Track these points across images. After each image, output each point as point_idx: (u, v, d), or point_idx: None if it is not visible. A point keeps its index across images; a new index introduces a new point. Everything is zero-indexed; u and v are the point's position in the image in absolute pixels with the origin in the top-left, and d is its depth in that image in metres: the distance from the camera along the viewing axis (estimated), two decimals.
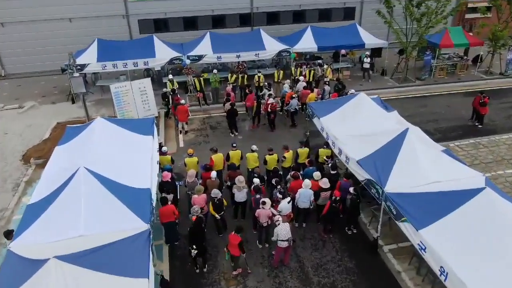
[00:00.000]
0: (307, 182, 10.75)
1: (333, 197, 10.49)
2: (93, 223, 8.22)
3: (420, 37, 20.42)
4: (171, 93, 17.61)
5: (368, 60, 21.62)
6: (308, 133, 15.32)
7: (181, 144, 16.08)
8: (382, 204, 9.80)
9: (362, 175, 10.63)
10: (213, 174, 11.27)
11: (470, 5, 28.77)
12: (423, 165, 10.04)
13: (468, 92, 20.88)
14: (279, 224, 9.38)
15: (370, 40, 21.92)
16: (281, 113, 18.40)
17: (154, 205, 9.54)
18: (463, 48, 23.78)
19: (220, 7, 25.21)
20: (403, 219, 8.91)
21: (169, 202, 10.46)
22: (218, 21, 25.71)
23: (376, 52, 22.48)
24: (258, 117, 17.12)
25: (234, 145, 12.65)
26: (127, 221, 8.50)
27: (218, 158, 12.44)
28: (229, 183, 12.04)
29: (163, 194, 10.86)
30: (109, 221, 8.38)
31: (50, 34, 23.71)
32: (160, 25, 25.29)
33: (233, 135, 16.58)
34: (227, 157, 12.59)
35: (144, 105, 17.43)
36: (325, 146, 12.76)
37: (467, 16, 29.84)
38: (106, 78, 21.92)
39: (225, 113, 16.66)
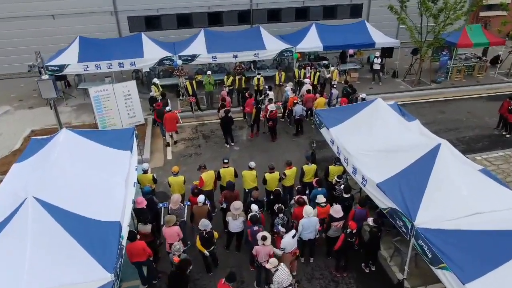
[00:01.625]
0: (308, 209, 8.77)
1: (348, 230, 8.51)
2: (39, 277, 6.26)
3: (436, 35, 18.44)
4: (161, 97, 15.62)
5: (379, 61, 19.64)
6: (314, 145, 13.33)
7: (169, 156, 14.09)
8: (411, 241, 7.81)
9: (383, 202, 8.63)
10: (201, 198, 9.27)
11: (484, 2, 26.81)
12: (461, 191, 8.05)
13: (490, 97, 18.91)
14: (276, 271, 7.36)
15: (380, 39, 19.94)
16: (282, 119, 16.44)
17: (124, 243, 7.59)
18: (481, 48, 21.77)
19: (216, 3, 23.26)
20: (442, 265, 6.92)
21: (149, 229, 8.55)
22: (214, 18, 23.75)
23: (387, 52, 20.49)
24: (257, 124, 15.14)
25: (226, 161, 10.66)
26: (85, 271, 6.52)
27: (208, 176, 10.46)
28: (224, 205, 10.07)
29: (139, 225, 8.90)
30: (61, 272, 6.41)
31: (31, 32, 21.76)
32: (152, 23, 23.34)
33: (228, 146, 14.60)
34: (218, 176, 10.61)
35: (128, 111, 15.46)
36: (336, 163, 10.78)
37: (481, 14, 27.89)
38: (91, 80, 19.98)
39: (219, 120, 14.67)
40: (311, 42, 19.23)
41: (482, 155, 13.89)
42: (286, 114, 16.42)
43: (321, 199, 9.27)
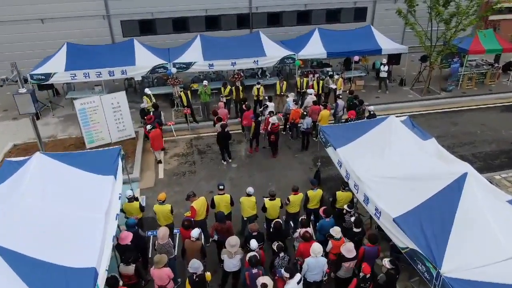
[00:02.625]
0: (316, 248, 7.63)
1: (361, 274, 7.36)
2: None
3: (448, 41, 17.31)
4: (153, 109, 14.49)
5: (386, 68, 18.51)
6: (319, 163, 12.18)
7: (161, 175, 12.94)
8: None
9: (401, 240, 7.50)
10: (194, 233, 8.12)
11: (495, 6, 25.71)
12: (493, 230, 6.96)
13: (504, 107, 17.79)
14: None
15: (387, 45, 18.80)
16: (283, 132, 15.31)
17: None
18: (493, 55, 20.65)
19: (214, 7, 22.14)
20: None
21: (131, 271, 7.40)
22: (212, 22, 22.63)
23: (393, 58, 19.36)
24: (256, 139, 13.99)
25: (221, 187, 9.50)
26: None
27: (200, 204, 9.29)
28: (216, 238, 8.95)
29: (120, 265, 7.76)
30: None
31: (18, 37, 20.62)
32: (146, 27, 22.19)
33: (225, 163, 13.46)
34: (212, 204, 9.46)
35: (117, 124, 14.33)
36: (344, 188, 9.64)
37: (490, 17, 26.76)
38: (80, 89, 18.84)
39: (216, 134, 13.53)
40: (314, 48, 18.10)
41: (501, 174, 12.76)
42: (287, 127, 15.28)
43: (336, 232, 8.14)
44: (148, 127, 13.03)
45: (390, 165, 8.98)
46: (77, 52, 16.64)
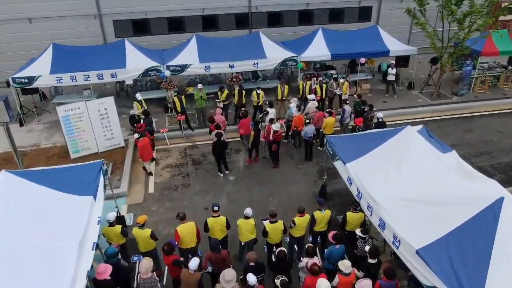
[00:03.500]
0: (324, 285, 6.46)
1: None
2: None
3: (461, 42, 16.20)
4: (144, 116, 13.35)
5: (394, 71, 17.38)
6: (325, 177, 11.04)
7: (151, 189, 11.79)
8: None
9: (426, 277, 6.35)
10: (193, 264, 6.96)
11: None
12: None
13: None
14: None
15: (395, 46, 17.66)
16: (285, 141, 14.17)
17: None
18: (506, 56, 19.54)
19: (211, 6, 21.01)
20: None
21: None
22: (209, 22, 21.48)
23: (402, 60, 18.25)
24: (256, 148, 12.86)
25: (216, 208, 8.34)
26: None
27: (187, 230, 8.09)
28: (210, 269, 7.81)
29: None
30: None
31: (4, 38, 19.47)
32: (140, 27, 21.06)
33: (222, 175, 12.31)
34: (205, 227, 8.31)
35: (105, 132, 13.19)
36: (356, 209, 8.51)
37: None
38: (69, 93, 17.72)
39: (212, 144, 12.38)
40: (318, 50, 16.97)
41: None
42: (289, 134, 14.15)
43: (346, 266, 6.98)
44: (136, 135, 11.90)
45: (410, 184, 7.85)
46: (64, 53, 15.51)
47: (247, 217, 8.30)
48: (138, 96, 14.46)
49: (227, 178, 12.23)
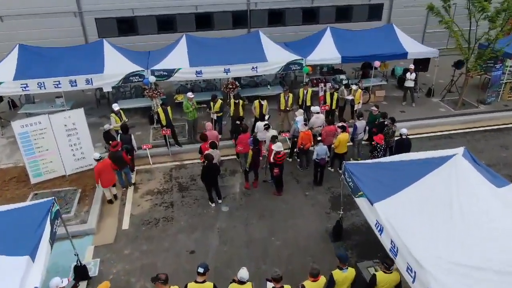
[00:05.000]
0: None
1: None
2: None
3: (491, 43, 14.03)
4: (122, 132, 11.16)
5: (413, 76, 15.19)
6: (341, 212, 8.83)
7: (125, 224, 9.57)
8: None
9: None
10: None
11: None
12: None
13: None
14: None
15: (414, 47, 15.49)
16: (290, 159, 11.99)
17: None
18: None
19: (206, 3, 18.83)
20: None
21: None
22: (203, 20, 19.29)
23: (421, 64, 16.09)
24: (255, 171, 10.66)
25: (201, 270, 6.10)
26: None
27: None
28: None
29: None
30: None
31: None
32: (126, 26, 18.87)
33: (213, 205, 10.10)
34: None
35: (74, 151, 11.00)
36: (389, 267, 6.31)
37: None
38: (43, 100, 15.53)
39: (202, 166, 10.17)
40: (326, 52, 14.78)
41: None
42: (294, 152, 11.97)
43: None
44: (96, 155, 9.72)
45: (469, 241, 5.66)
46: (31, 56, 13.33)
47: (242, 282, 6.09)
48: (115, 106, 12.27)
49: (220, 209, 10.02)
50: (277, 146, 9.89)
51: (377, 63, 15.06)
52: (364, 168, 7.77)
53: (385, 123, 11.60)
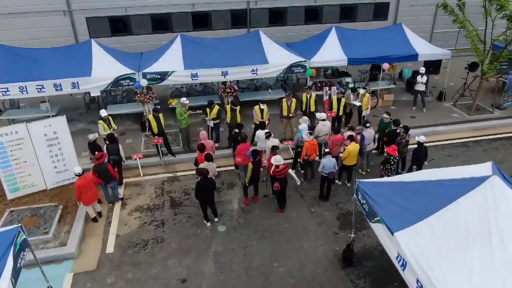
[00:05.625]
0: None
1: None
2: None
3: (510, 44, 13.04)
4: (108, 142, 10.14)
5: (424, 79, 14.18)
6: (353, 235, 7.82)
7: (110, 247, 8.54)
8: None
9: None
10: None
11: None
12: None
13: None
14: None
15: (424, 49, 14.49)
16: (293, 171, 10.93)
17: None
18: None
19: (203, 1, 17.84)
20: None
21: None
22: (200, 20, 18.32)
23: (432, 66, 15.10)
24: (255, 185, 9.65)
25: None
26: None
27: None
28: None
29: None
30: None
31: None
32: (119, 26, 17.90)
33: (209, 225, 9.09)
34: None
35: (55, 163, 9.99)
36: None
37: None
38: (28, 105, 14.56)
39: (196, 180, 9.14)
40: (331, 53, 13.78)
41: None
42: (298, 163, 10.95)
43: None
44: (77, 169, 8.72)
45: None
46: (13, 58, 12.30)
47: None
48: (103, 112, 11.25)
49: (216, 228, 9.01)
50: (276, 160, 8.86)
51: (385, 66, 14.04)
52: (381, 188, 6.75)
53: (397, 131, 10.61)
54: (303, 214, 9.48)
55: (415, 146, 9.95)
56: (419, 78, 14.19)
